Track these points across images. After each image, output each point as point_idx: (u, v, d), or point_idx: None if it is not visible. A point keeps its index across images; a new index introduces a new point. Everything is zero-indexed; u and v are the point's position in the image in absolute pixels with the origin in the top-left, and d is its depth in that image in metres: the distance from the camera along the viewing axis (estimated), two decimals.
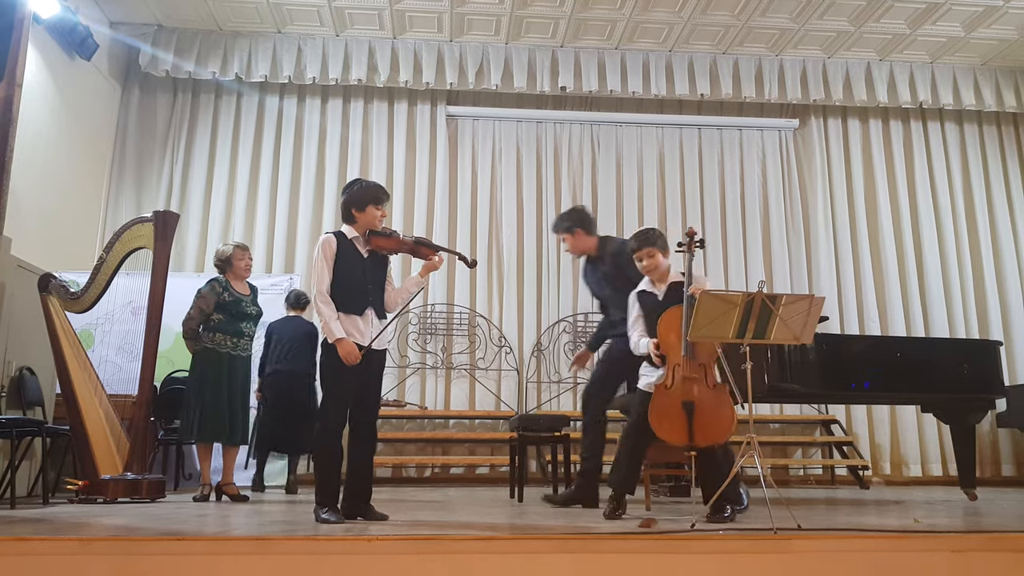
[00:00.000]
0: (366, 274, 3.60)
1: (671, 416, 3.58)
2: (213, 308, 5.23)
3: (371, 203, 3.64)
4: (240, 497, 5.20)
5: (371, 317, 3.59)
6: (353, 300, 3.56)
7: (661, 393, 3.65)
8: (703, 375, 3.63)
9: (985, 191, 9.02)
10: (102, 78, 8.04)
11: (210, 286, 5.29)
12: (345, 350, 3.44)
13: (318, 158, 8.53)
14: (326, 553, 2.49)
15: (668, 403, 3.61)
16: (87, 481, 4.85)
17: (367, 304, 3.58)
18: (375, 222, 3.65)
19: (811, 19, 8.01)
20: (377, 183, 3.75)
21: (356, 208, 3.65)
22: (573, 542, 2.57)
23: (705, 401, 3.57)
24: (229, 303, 5.27)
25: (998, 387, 5.20)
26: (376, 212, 3.64)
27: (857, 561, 2.57)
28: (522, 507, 4.50)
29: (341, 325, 3.50)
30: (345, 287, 3.56)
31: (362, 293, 3.58)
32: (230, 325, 5.27)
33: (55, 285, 5.42)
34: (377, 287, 3.66)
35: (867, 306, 8.55)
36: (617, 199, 8.72)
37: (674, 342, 3.66)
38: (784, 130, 9.10)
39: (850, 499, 5.46)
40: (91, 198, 7.97)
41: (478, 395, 8.16)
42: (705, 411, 3.56)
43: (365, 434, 3.62)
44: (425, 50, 8.41)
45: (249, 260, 5.49)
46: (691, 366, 3.63)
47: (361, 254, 3.64)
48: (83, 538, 2.54)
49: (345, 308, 3.55)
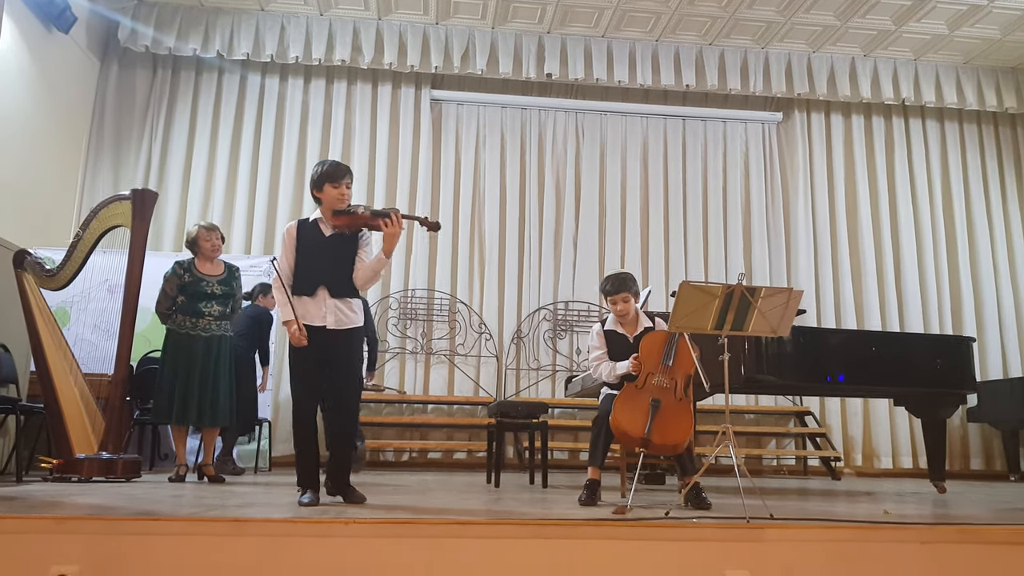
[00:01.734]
0: (322, 255, 3.59)
1: (635, 407, 3.72)
2: (177, 290, 5.21)
3: (327, 182, 3.60)
4: (217, 478, 5.19)
5: (323, 297, 3.55)
6: (304, 281, 3.57)
7: (631, 389, 3.83)
8: (674, 387, 3.78)
9: (963, 189, 9.12)
10: (80, 52, 7.90)
11: (172, 268, 5.25)
12: (290, 333, 3.48)
13: (299, 139, 8.46)
14: (303, 535, 2.49)
15: (636, 397, 3.77)
16: (61, 460, 4.81)
17: (318, 284, 3.56)
18: (336, 201, 3.60)
19: (797, 12, 8.04)
20: (336, 161, 3.70)
21: (316, 190, 3.64)
22: (549, 528, 2.59)
23: (670, 405, 3.73)
24: (189, 283, 5.21)
25: (970, 383, 5.27)
26: (334, 191, 3.59)
27: (828, 551, 2.62)
28: (499, 492, 4.52)
29: (292, 308, 3.51)
30: (300, 270, 3.58)
31: (314, 273, 3.57)
32: (189, 306, 5.20)
33: (30, 262, 5.36)
34: (336, 266, 3.61)
35: (844, 300, 8.64)
36: (600, 188, 8.73)
37: (654, 355, 3.85)
38: (768, 123, 9.14)
39: (822, 490, 5.53)
40: (68, 174, 7.85)
41: (457, 381, 8.17)
42: (668, 413, 3.69)
43: (336, 413, 3.63)
44: (410, 32, 8.35)
45: (217, 240, 5.36)
46: (666, 375, 3.79)
47: (323, 235, 3.62)
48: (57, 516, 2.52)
49: (296, 290, 3.56)
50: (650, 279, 8.32)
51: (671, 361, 3.81)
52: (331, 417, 3.65)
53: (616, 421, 3.73)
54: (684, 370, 3.81)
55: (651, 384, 3.79)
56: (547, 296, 8.42)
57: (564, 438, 7.89)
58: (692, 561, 2.54)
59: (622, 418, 3.72)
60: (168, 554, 2.43)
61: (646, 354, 3.88)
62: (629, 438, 3.71)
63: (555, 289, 8.43)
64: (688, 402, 3.79)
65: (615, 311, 4.11)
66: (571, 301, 8.41)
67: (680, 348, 3.82)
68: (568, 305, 8.38)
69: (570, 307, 8.39)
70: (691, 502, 3.54)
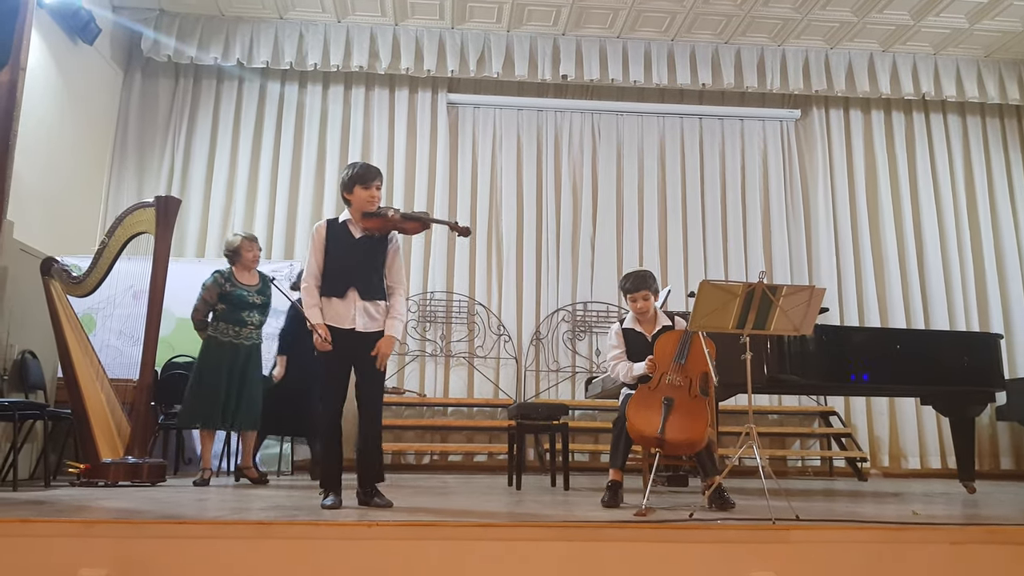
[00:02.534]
0: (353, 256, 3.59)
1: (649, 407, 3.72)
2: (217, 299, 5.30)
3: (358, 183, 3.61)
4: (261, 480, 5.35)
5: (353, 298, 3.56)
6: (334, 283, 3.56)
7: (644, 390, 3.84)
8: (688, 385, 3.77)
9: (987, 184, 9.01)
10: (104, 63, 8.01)
11: (213, 278, 5.34)
12: (317, 337, 3.48)
13: (319, 144, 8.52)
14: (326, 538, 2.50)
15: (649, 397, 3.78)
16: (88, 464, 4.86)
17: (349, 285, 3.56)
18: (366, 203, 3.62)
19: (814, 9, 7.98)
20: (366, 163, 3.71)
21: (346, 191, 3.65)
22: (571, 530, 2.59)
23: (684, 403, 3.72)
24: (231, 293, 5.32)
25: (998, 380, 5.20)
26: (364, 193, 3.60)
27: (855, 552, 2.59)
28: (520, 495, 4.51)
29: (320, 311, 3.52)
30: (330, 271, 3.58)
31: (345, 275, 3.57)
32: (232, 315, 5.31)
33: (57, 269, 5.42)
34: (367, 268, 3.62)
35: (867, 298, 8.56)
36: (617, 188, 8.72)
37: (668, 355, 3.85)
38: (786, 120, 9.08)
39: (848, 491, 5.48)
40: (93, 182, 7.97)
41: (476, 383, 8.18)
42: (682, 411, 3.68)
43: (365, 420, 3.61)
44: (427, 37, 8.39)
45: (257, 251, 5.52)
46: (679, 373, 3.79)
47: (352, 236, 3.63)
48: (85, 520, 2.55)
49: (326, 291, 3.56)
50: (669, 279, 8.28)
51: (684, 359, 3.81)
52: (360, 422, 3.63)
53: (631, 422, 3.74)
54: (698, 368, 3.80)
55: (664, 384, 3.79)
56: (566, 297, 8.41)
57: (585, 440, 7.86)
58: (717, 563, 2.52)
59: (636, 419, 3.72)
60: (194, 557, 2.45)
61: (660, 355, 3.89)
62: (645, 438, 3.72)
63: (573, 290, 8.41)
64: (703, 400, 3.76)
65: (634, 308, 4.12)
66: (590, 302, 8.39)
67: (694, 346, 3.81)
68: (587, 306, 8.36)
69: (589, 308, 8.38)
70: (715, 503, 3.52)
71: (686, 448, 3.74)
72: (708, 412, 3.72)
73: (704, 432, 3.66)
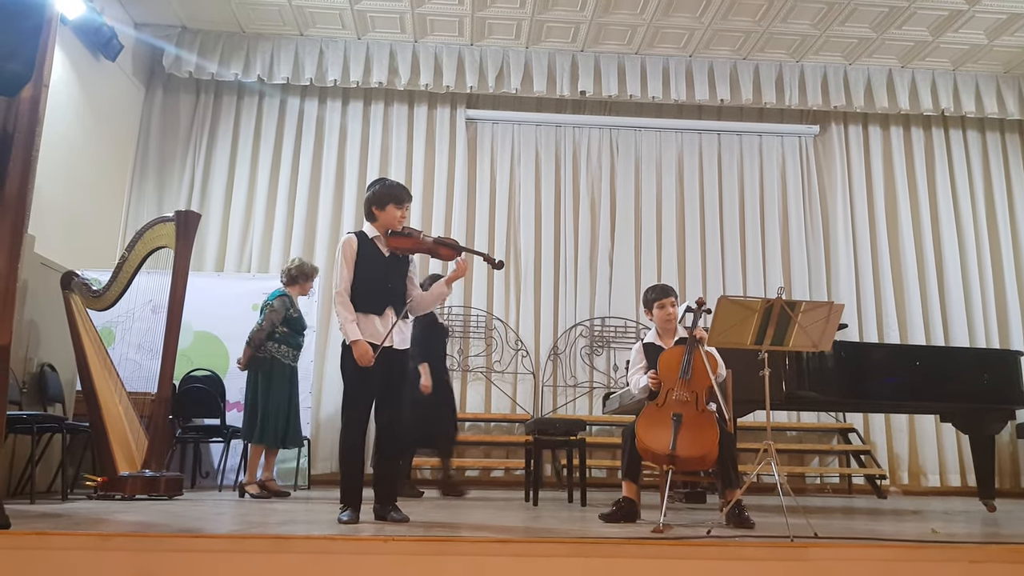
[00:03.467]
0: (387, 273, 3.60)
1: (658, 424, 3.70)
2: (281, 322, 5.51)
3: (392, 202, 3.64)
4: (282, 492, 5.53)
5: (391, 317, 3.58)
6: (372, 300, 3.56)
7: (652, 408, 3.82)
8: (695, 400, 3.75)
9: (1007, 200, 8.94)
10: (126, 79, 8.12)
11: (281, 301, 5.55)
12: (359, 352, 3.45)
13: (338, 160, 8.58)
14: (342, 552, 2.50)
15: (658, 414, 3.76)
16: (106, 477, 4.90)
17: (387, 303, 3.58)
18: (395, 222, 3.65)
19: (832, 25, 7.97)
20: (400, 183, 3.76)
21: (377, 207, 3.66)
22: (588, 546, 2.57)
23: (693, 419, 3.69)
24: (295, 318, 5.61)
25: (1018, 397, 5.14)
26: (396, 212, 3.64)
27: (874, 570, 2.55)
28: (537, 511, 4.49)
29: (358, 326, 3.51)
30: (365, 287, 3.56)
31: (382, 293, 3.58)
32: (293, 339, 5.59)
33: (77, 283, 5.48)
34: (398, 286, 3.65)
35: (886, 314, 8.49)
36: (636, 204, 8.71)
37: (673, 371, 3.84)
38: (804, 136, 9.06)
39: (867, 508, 5.42)
40: (114, 197, 8.06)
41: (494, 398, 8.17)
42: (691, 425, 3.65)
43: (388, 435, 3.61)
44: (446, 54, 8.44)
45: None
46: (686, 389, 3.77)
47: (382, 253, 3.64)
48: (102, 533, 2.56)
49: (364, 308, 3.55)
50: (687, 294, 8.25)
51: (688, 375, 3.78)
52: (381, 439, 3.63)
53: (640, 441, 3.71)
54: (704, 382, 3.78)
55: (671, 400, 3.77)
56: (583, 312, 8.40)
57: (602, 456, 7.82)
58: None
59: (646, 437, 3.69)
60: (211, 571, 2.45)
61: (664, 371, 3.87)
62: (656, 456, 3.69)
63: (591, 305, 8.40)
64: (711, 414, 3.74)
65: (662, 315, 4.13)
66: (607, 317, 8.37)
67: (696, 361, 3.78)
68: (604, 321, 8.34)
69: (607, 323, 8.36)
70: (732, 521, 3.49)
71: (698, 463, 3.71)
72: (716, 426, 3.69)
73: (715, 446, 3.63)
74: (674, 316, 4.14)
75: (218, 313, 7.07)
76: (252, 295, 7.18)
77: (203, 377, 6.60)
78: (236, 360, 5.64)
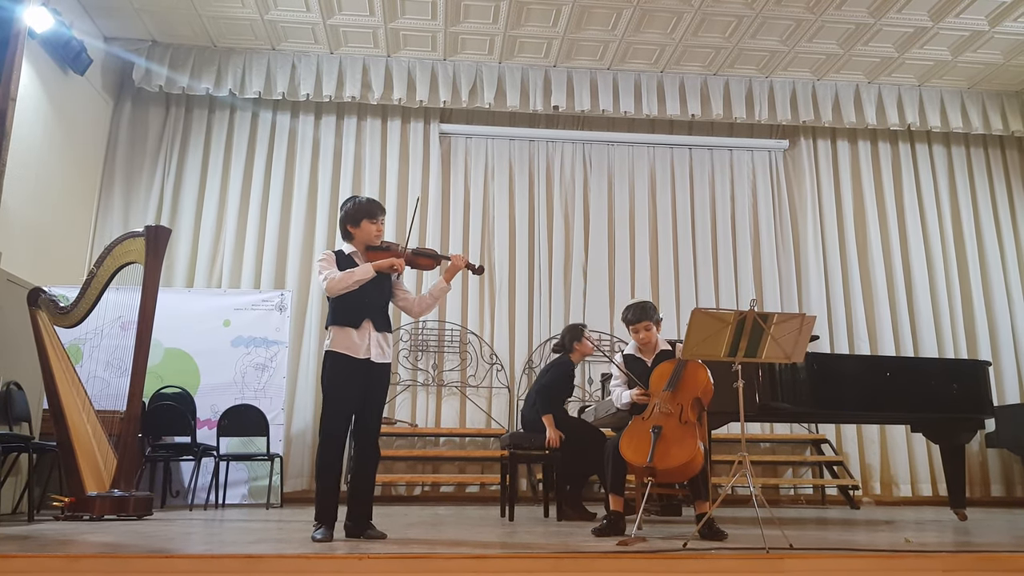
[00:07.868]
0: (366, 288, 3.59)
1: (638, 437, 3.77)
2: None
3: (365, 218, 3.66)
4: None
5: (368, 329, 3.57)
6: (349, 313, 3.56)
7: (637, 421, 3.89)
8: (679, 412, 3.79)
9: (972, 212, 9.11)
10: (95, 93, 8.02)
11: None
12: (387, 262, 3.56)
13: (311, 174, 8.53)
14: (318, 572, 2.47)
15: (641, 427, 3.83)
16: (73, 498, 4.80)
17: (363, 316, 3.57)
18: (371, 237, 3.67)
19: (801, 42, 8.10)
20: (371, 198, 3.76)
21: (351, 224, 3.68)
22: (566, 561, 2.56)
23: (672, 430, 3.74)
24: None
25: (987, 407, 5.22)
26: (371, 227, 3.66)
27: None
28: (513, 526, 4.47)
29: (334, 339, 3.52)
30: (341, 300, 3.56)
31: (358, 306, 3.57)
32: None
33: (44, 299, 5.39)
34: (379, 300, 3.65)
35: (856, 326, 8.59)
36: (609, 217, 8.76)
37: (661, 385, 3.91)
38: (774, 151, 9.18)
39: (841, 519, 5.46)
40: (81, 212, 7.94)
41: (469, 412, 8.13)
42: (669, 437, 3.70)
43: (364, 450, 3.58)
44: (419, 68, 8.45)
45: None
46: (670, 401, 3.82)
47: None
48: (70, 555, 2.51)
49: (340, 320, 3.55)
50: (661, 307, 8.28)
51: (674, 387, 3.82)
52: (357, 453, 3.60)
53: (623, 452, 3.78)
54: (690, 394, 3.82)
55: (656, 412, 3.83)
56: (558, 325, 8.39)
57: None
58: None
59: (627, 450, 3.77)
60: None
61: (655, 387, 3.94)
62: (635, 468, 3.75)
63: (566, 318, 8.40)
64: (694, 425, 3.77)
65: (637, 339, 4.19)
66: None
67: (686, 373, 3.82)
68: None
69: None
70: (704, 534, 3.50)
71: (677, 474, 3.72)
72: (696, 437, 3.72)
73: (694, 456, 3.64)
74: (648, 340, 4.18)
75: (189, 329, 6.98)
76: (223, 311, 7.12)
77: (173, 394, 6.50)
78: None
